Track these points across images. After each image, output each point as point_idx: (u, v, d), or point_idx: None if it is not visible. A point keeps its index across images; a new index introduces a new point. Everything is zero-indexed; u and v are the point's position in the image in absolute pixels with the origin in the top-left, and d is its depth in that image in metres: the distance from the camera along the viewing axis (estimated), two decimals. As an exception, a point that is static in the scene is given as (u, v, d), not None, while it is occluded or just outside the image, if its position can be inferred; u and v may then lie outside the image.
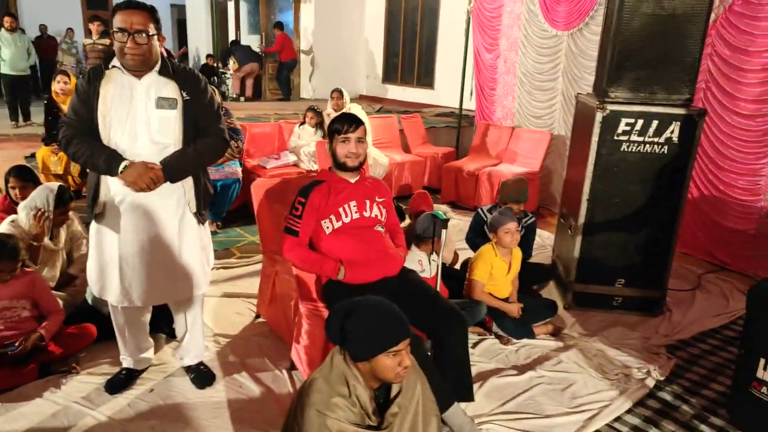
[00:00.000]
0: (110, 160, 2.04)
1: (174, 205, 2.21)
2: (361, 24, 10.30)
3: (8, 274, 2.46)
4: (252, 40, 11.72)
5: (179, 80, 2.13)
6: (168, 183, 2.12)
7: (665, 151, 3.12)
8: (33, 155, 5.65)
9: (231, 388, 2.47)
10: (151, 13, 2.05)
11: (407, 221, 3.43)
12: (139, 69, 2.07)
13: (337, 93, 5.62)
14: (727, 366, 2.82)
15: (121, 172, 2.03)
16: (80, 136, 2.08)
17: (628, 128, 3.11)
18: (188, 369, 2.53)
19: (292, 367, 2.60)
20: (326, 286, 2.46)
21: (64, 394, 2.36)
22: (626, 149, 3.15)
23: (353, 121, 2.39)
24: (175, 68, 2.16)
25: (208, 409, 2.32)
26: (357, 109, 5.56)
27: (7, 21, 8.19)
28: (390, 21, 9.92)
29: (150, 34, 2.02)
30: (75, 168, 5.01)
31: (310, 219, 2.39)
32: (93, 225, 2.21)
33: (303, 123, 5.69)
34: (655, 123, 3.08)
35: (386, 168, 5.53)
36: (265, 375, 2.58)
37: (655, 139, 3.11)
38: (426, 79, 9.30)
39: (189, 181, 2.21)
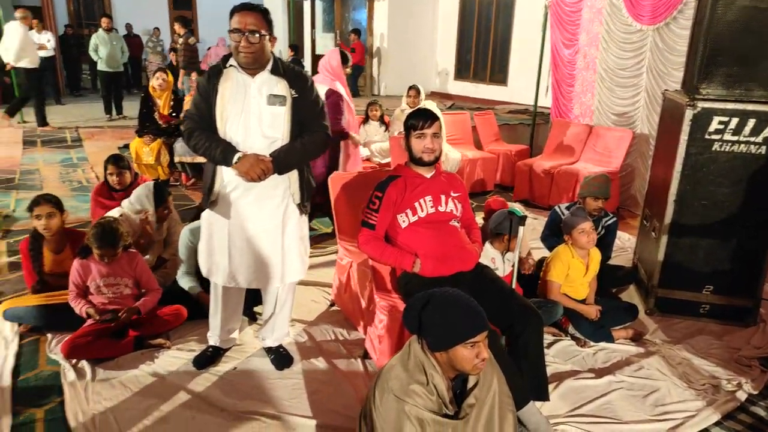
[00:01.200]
0: (226, 152, 2.18)
1: (280, 195, 2.33)
2: (434, 21, 10.28)
3: (110, 258, 2.67)
4: (326, 39, 12.00)
5: (289, 79, 2.24)
6: (275, 175, 2.24)
7: (763, 152, 2.92)
8: (126, 146, 6.08)
9: (308, 371, 2.56)
10: (264, 15, 2.17)
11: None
12: (251, 67, 2.20)
13: (414, 90, 5.66)
14: (829, 384, 2.61)
15: (235, 162, 2.17)
16: (200, 130, 2.24)
17: (721, 127, 2.94)
18: (269, 350, 2.65)
19: (365, 356, 2.66)
20: (401, 278, 2.50)
21: (157, 367, 2.54)
22: (718, 149, 2.98)
23: (429, 117, 2.41)
24: (285, 67, 2.27)
25: (287, 390, 2.42)
26: (432, 106, 5.57)
27: (104, 22, 8.83)
28: (464, 17, 9.85)
29: (262, 34, 2.14)
30: (164, 159, 5.35)
31: (386, 213, 2.43)
32: (206, 212, 2.38)
33: (366, 120, 5.80)
34: (751, 122, 2.89)
35: (458, 163, 5.51)
36: (339, 362, 2.65)
37: (752, 139, 2.92)
38: (499, 76, 9.16)
39: (294, 174, 2.33)
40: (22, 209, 4.57)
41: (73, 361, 2.52)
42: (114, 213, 3.03)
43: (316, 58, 11.84)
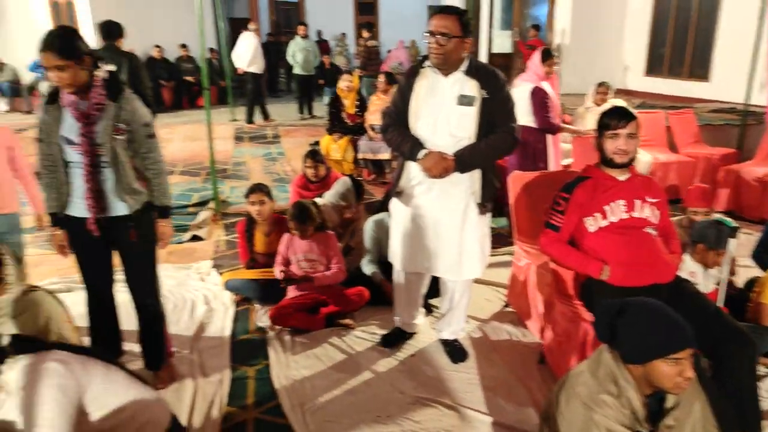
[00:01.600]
0: (413, 148, 2.33)
1: (461, 193, 2.41)
2: (623, 13, 9.53)
3: (302, 233, 3.00)
4: (503, 36, 11.86)
5: (481, 79, 2.30)
6: (457, 173, 2.32)
7: None
8: (317, 143, 6.68)
9: (482, 368, 2.60)
10: (459, 18, 2.25)
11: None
12: (442, 67, 2.31)
13: (604, 87, 5.35)
14: None
15: (420, 158, 2.30)
16: (395, 125, 2.43)
17: None
18: (444, 342, 2.74)
19: (541, 360, 2.61)
20: (586, 285, 2.39)
21: (345, 345, 2.79)
22: None
23: (624, 116, 2.26)
24: (479, 68, 2.34)
25: (462, 383, 2.48)
26: (622, 105, 5.21)
27: (300, 30, 9.76)
28: (659, 7, 8.97)
29: (450, 36, 2.22)
30: (350, 155, 5.78)
31: (572, 215, 2.34)
32: (394, 200, 2.56)
33: None
34: None
35: (648, 166, 5.07)
36: (514, 362, 2.64)
37: None
38: (700, 71, 8.17)
39: (476, 173, 2.39)
40: (235, 196, 5.32)
41: (277, 329, 2.89)
42: (318, 201, 3.42)
43: (492, 57, 11.76)
